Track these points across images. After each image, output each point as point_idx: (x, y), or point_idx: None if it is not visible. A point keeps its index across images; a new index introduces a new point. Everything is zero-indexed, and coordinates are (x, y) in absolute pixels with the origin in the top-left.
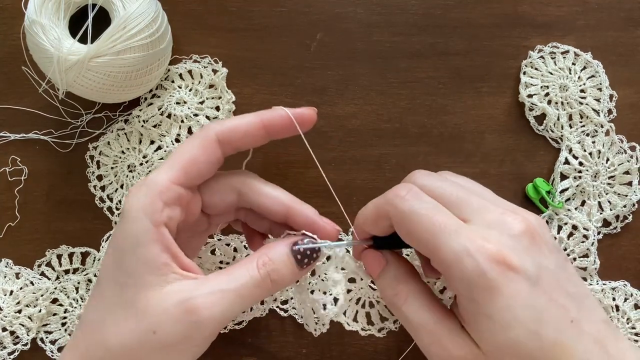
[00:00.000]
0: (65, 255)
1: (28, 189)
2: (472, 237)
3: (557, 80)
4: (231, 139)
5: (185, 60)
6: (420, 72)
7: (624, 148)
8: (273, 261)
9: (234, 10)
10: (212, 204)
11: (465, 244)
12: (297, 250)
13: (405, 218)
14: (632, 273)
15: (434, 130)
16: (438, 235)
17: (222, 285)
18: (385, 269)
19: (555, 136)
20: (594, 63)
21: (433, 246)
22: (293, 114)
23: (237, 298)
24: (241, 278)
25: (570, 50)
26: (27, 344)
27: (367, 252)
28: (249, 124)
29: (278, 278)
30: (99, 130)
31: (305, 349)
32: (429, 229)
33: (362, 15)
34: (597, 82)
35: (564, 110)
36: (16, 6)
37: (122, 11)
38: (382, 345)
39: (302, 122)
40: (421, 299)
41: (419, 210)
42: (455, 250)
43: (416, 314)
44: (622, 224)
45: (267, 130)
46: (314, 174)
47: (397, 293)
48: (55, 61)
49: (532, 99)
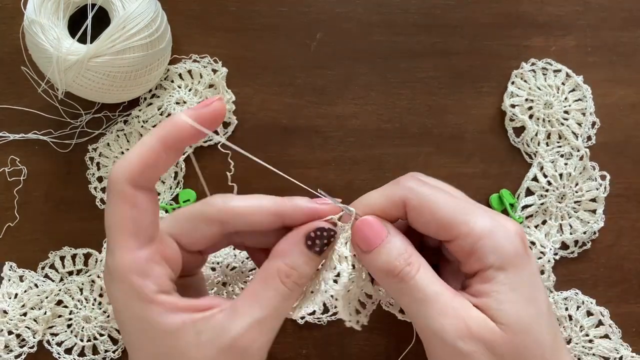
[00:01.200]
0: (68, 257)
1: (27, 189)
2: (494, 217)
3: (543, 97)
4: (142, 176)
5: (184, 60)
6: (420, 72)
7: (595, 175)
8: (295, 267)
9: (234, 10)
10: (194, 243)
11: (495, 219)
12: (312, 244)
13: (429, 201)
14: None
15: (434, 130)
16: (465, 213)
17: (255, 314)
18: (390, 238)
19: (530, 151)
20: (584, 87)
21: (462, 221)
22: (197, 116)
23: (273, 320)
24: (272, 300)
25: (562, 69)
26: (34, 346)
27: (365, 220)
28: (150, 152)
29: (305, 280)
30: (98, 131)
31: (305, 349)
32: (456, 208)
33: (362, 15)
34: (583, 107)
35: (544, 127)
36: (15, 6)
37: (122, 11)
38: (382, 345)
39: (209, 121)
40: (432, 270)
41: (441, 194)
42: (488, 223)
43: (431, 284)
44: (580, 250)
45: (171, 148)
46: (314, 174)
47: (410, 262)
48: (55, 61)
49: (514, 110)
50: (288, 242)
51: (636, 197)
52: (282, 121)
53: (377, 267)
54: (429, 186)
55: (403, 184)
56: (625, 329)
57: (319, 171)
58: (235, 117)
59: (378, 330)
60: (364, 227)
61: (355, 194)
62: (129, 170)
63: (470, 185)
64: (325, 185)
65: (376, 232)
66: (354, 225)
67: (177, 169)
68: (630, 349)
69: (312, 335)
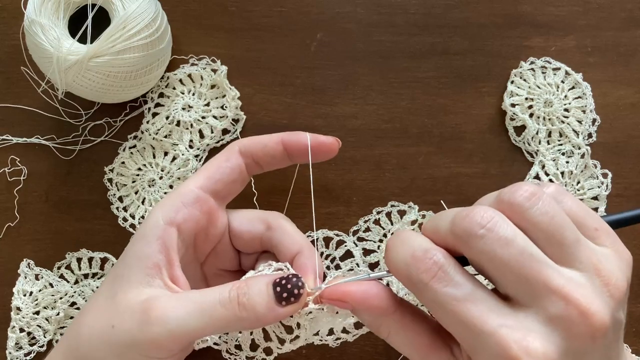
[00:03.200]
0: (85, 259)
1: (27, 189)
2: (511, 339)
3: (543, 95)
4: (251, 150)
5: (183, 65)
6: (420, 72)
7: (597, 174)
8: (248, 286)
9: (234, 10)
10: (240, 232)
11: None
12: (278, 283)
13: (437, 302)
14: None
15: (434, 130)
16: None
17: (188, 296)
18: (355, 312)
19: (531, 150)
20: (583, 85)
21: (469, 347)
22: (314, 142)
23: (197, 310)
24: (209, 294)
25: (562, 67)
26: (44, 345)
27: (326, 291)
28: (270, 138)
29: (247, 303)
30: (100, 138)
31: (305, 349)
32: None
33: (362, 15)
34: (583, 104)
35: (545, 125)
36: (15, 6)
37: (122, 11)
38: (382, 345)
39: (321, 150)
40: (404, 336)
41: (448, 297)
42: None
43: (400, 349)
44: None
45: (286, 148)
46: (314, 174)
47: (378, 332)
48: (55, 61)
49: (515, 109)
50: (262, 274)
51: (636, 197)
52: (282, 121)
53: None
54: (445, 283)
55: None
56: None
57: (319, 171)
58: (243, 113)
59: None
60: (329, 298)
61: (355, 194)
62: (245, 140)
63: (470, 185)
64: (325, 185)
65: (343, 307)
66: (323, 300)
67: None
68: (630, 350)
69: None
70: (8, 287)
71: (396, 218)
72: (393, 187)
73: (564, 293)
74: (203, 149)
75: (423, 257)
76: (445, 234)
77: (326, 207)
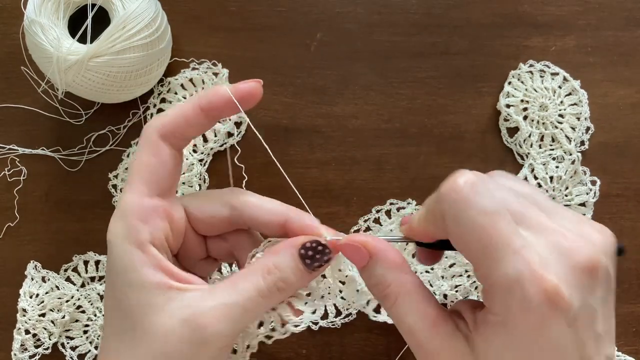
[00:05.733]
0: (92, 262)
1: (27, 189)
2: (531, 261)
3: (539, 99)
4: (173, 131)
5: (183, 70)
6: (420, 72)
7: (586, 180)
8: (279, 268)
9: (234, 10)
10: (203, 219)
11: (521, 269)
12: (305, 254)
13: (461, 224)
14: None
15: (434, 130)
16: (494, 254)
17: (226, 299)
18: (370, 265)
19: (522, 152)
20: (580, 92)
21: (486, 267)
22: (235, 91)
23: (243, 312)
24: (246, 290)
25: (560, 73)
26: (49, 348)
27: (344, 245)
28: (186, 111)
29: (286, 286)
30: (105, 148)
31: (305, 349)
32: (488, 243)
33: (362, 15)
34: (578, 111)
35: (538, 129)
36: (15, 6)
37: (122, 11)
38: (382, 345)
39: (245, 98)
40: (412, 300)
41: (479, 217)
42: (509, 276)
43: (406, 317)
44: None
45: (207, 114)
46: (314, 174)
47: (386, 294)
48: (55, 61)
49: (509, 110)
50: (283, 244)
51: (636, 197)
52: (282, 121)
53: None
54: (474, 197)
55: (444, 191)
56: (625, 329)
57: (319, 171)
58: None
59: (378, 330)
60: (345, 253)
61: (355, 194)
62: (161, 122)
63: None
64: (325, 185)
65: (360, 257)
66: (342, 247)
67: (200, 181)
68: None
69: (312, 335)
70: (8, 287)
71: (395, 216)
72: (393, 186)
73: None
74: (207, 153)
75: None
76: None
77: (326, 206)
